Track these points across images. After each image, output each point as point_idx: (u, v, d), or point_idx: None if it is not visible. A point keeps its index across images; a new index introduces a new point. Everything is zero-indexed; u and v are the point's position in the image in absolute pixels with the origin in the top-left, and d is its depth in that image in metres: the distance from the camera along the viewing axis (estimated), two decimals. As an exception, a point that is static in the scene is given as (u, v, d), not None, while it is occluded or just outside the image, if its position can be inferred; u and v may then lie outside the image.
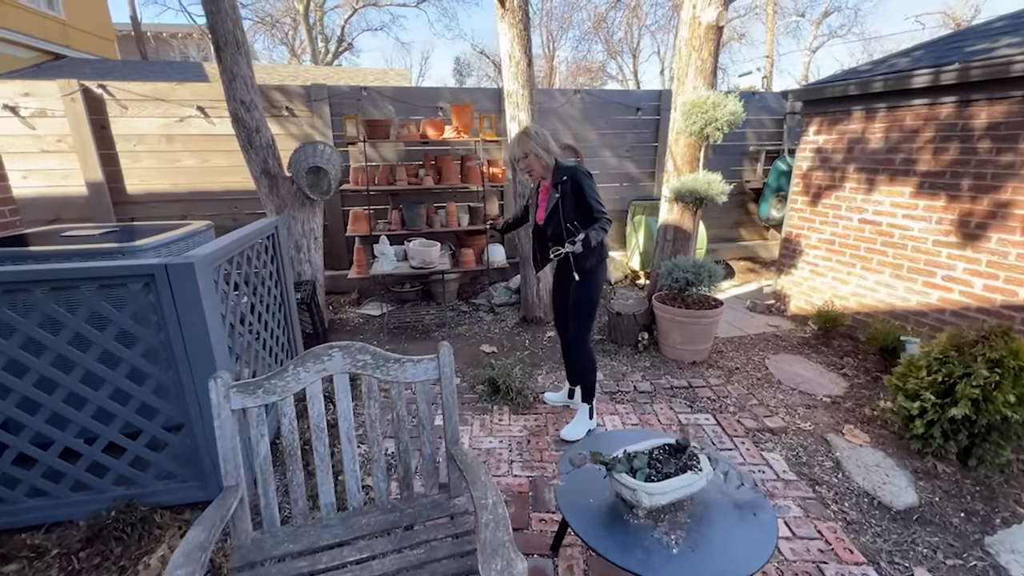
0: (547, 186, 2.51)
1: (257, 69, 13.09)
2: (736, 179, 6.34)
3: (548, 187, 2.49)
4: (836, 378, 3.32)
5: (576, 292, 2.51)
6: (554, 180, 2.42)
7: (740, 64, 26.40)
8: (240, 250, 2.32)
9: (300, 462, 1.42)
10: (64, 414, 1.83)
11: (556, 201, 2.40)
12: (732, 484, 1.62)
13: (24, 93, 4.20)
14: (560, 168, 2.43)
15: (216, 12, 3.52)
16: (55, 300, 1.74)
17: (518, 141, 2.43)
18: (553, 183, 2.42)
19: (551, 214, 2.44)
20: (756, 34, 31.24)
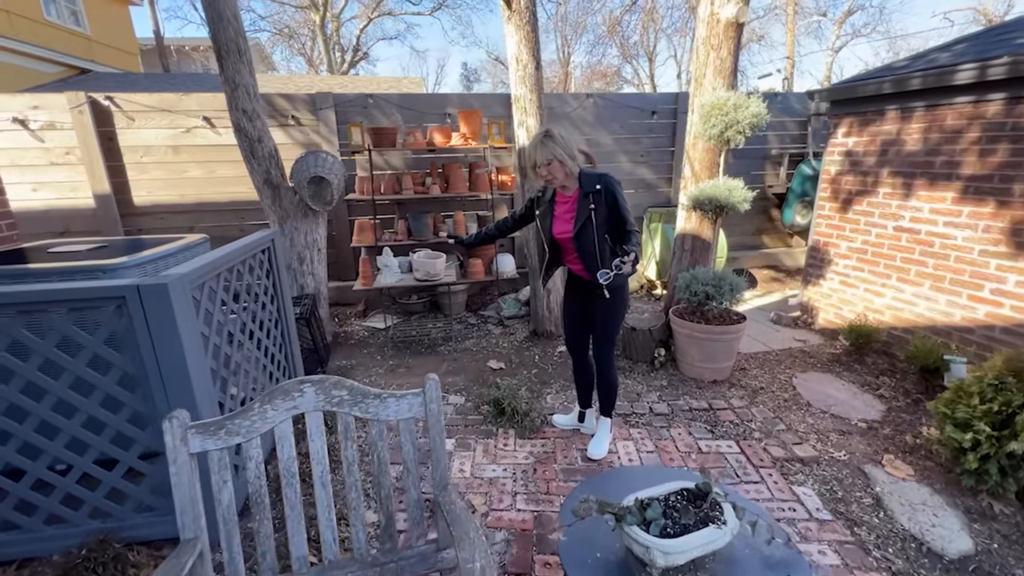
0: (568, 196, 2.29)
1: (274, 79, 13.24)
2: (758, 184, 6.07)
3: (572, 197, 2.27)
4: (872, 400, 3.06)
5: (604, 310, 2.34)
6: (584, 189, 2.21)
7: (760, 66, 25.88)
8: (229, 265, 2.20)
9: (268, 511, 1.26)
10: (36, 443, 1.72)
11: (589, 212, 2.19)
12: (761, 538, 1.41)
13: (33, 106, 4.21)
14: (589, 176, 2.22)
15: (218, 20, 3.46)
16: (24, 323, 1.63)
17: (540, 145, 2.16)
18: (583, 192, 2.21)
19: (583, 227, 2.21)
20: (776, 35, 30.70)
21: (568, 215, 2.29)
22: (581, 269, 2.33)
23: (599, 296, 2.24)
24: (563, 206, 2.31)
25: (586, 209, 2.20)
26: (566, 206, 2.30)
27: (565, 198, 2.31)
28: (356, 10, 20.23)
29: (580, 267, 2.33)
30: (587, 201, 2.20)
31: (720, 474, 2.37)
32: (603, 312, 2.36)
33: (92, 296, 1.62)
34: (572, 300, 2.52)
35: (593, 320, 2.43)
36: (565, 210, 2.30)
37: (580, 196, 2.23)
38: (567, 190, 2.29)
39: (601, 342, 2.45)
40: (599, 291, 2.20)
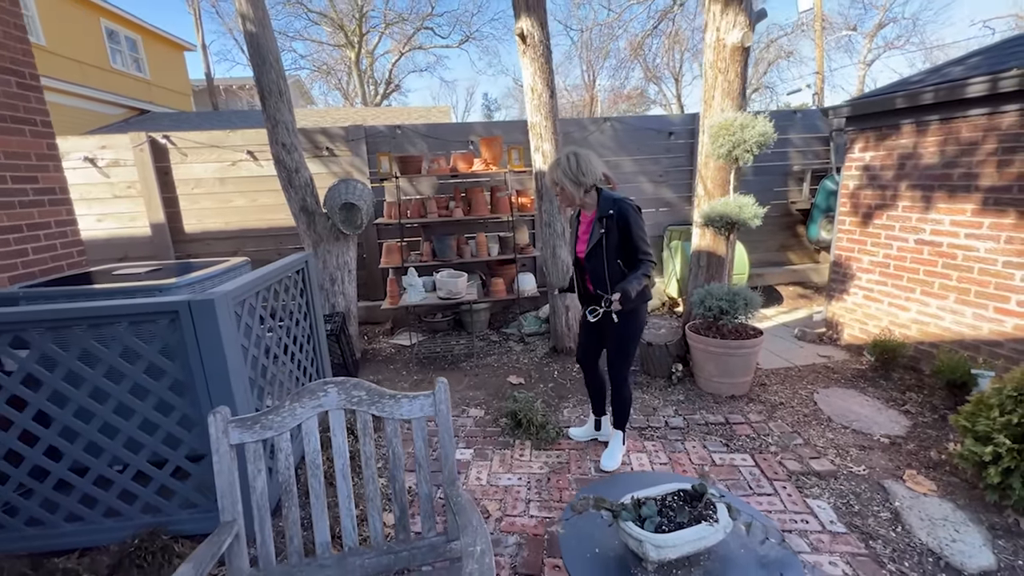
0: (589, 217, 2.35)
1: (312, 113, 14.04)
2: (781, 200, 6.05)
3: (591, 218, 2.32)
4: (896, 416, 3.00)
5: (616, 332, 2.39)
6: (599, 212, 2.25)
7: (790, 82, 25.55)
8: (267, 285, 2.42)
9: (296, 499, 1.41)
10: (99, 443, 1.94)
11: (600, 237, 2.24)
12: (756, 538, 1.46)
13: (101, 146, 4.70)
14: (606, 199, 2.26)
15: (262, 64, 3.84)
16: (93, 336, 1.88)
17: (550, 170, 2.33)
18: (598, 215, 2.25)
19: (593, 250, 2.27)
20: (805, 50, 30.37)
21: (586, 235, 2.35)
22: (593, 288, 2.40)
23: (611, 321, 2.27)
24: (583, 226, 2.40)
25: (598, 232, 2.25)
26: (585, 226, 2.38)
27: (587, 218, 2.38)
28: (389, 45, 21.36)
29: (593, 286, 2.40)
30: (600, 224, 2.25)
31: (732, 487, 2.38)
32: (616, 334, 2.40)
33: (150, 311, 1.85)
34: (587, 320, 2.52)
35: (607, 339, 2.49)
36: (583, 230, 2.39)
37: (595, 219, 2.28)
38: (588, 209, 2.35)
39: (613, 361, 2.48)
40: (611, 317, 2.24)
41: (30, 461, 1.93)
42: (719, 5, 3.17)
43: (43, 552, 1.97)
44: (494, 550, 2.01)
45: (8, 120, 2.72)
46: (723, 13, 3.17)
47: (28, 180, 2.82)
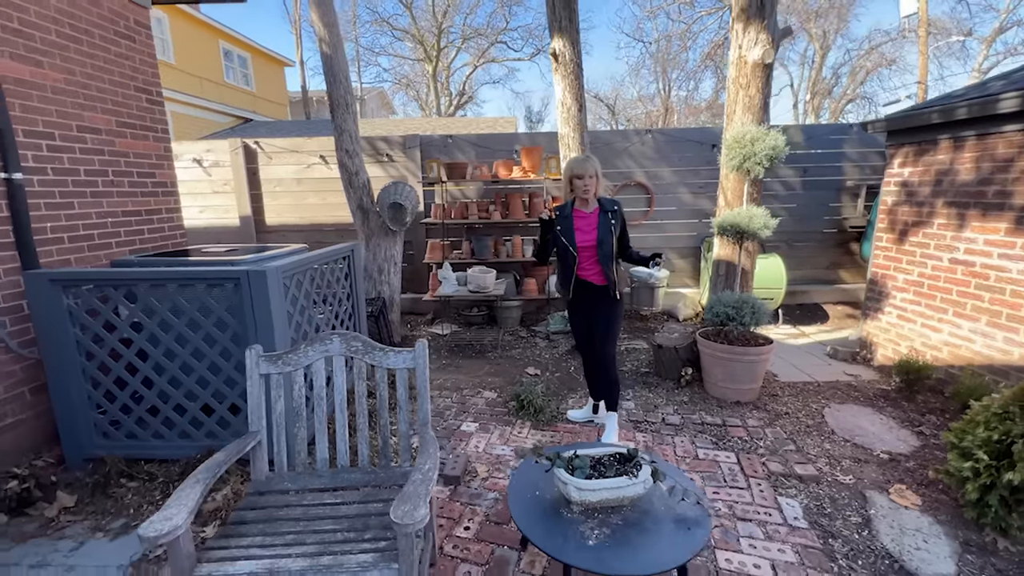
0: (587, 213, 2.73)
1: (388, 123, 15.10)
2: (833, 216, 5.84)
3: (592, 214, 2.72)
4: (907, 435, 2.93)
5: (608, 314, 2.76)
6: (604, 208, 2.71)
7: (892, 92, 23.51)
8: (314, 265, 2.92)
9: (305, 422, 1.82)
10: (179, 377, 2.50)
11: (610, 226, 2.68)
12: (675, 497, 1.67)
13: (207, 150, 5.63)
14: (606, 199, 2.75)
15: (333, 82, 4.46)
16: (180, 294, 2.44)
17: (587, 160, 2.68)
18: (603, 210, 2.71)
19: (605, 237, 2.67)
20: (911, 58, 27.80)
21: (590, 227, 2.72)
22: (596, 274, 2.74)
23: (608, 300, 2.73)
24: (582, 220, 2.73)
25: (607, 223, 2.69)
26: (585, 220, 2.73)
27: (584, 214, 2.73)
28: (466, 58, 22.49)
29: (595, 272, 2.74)
30: (607, 217, 2.70)
31: (706, 479, 2.52)
32: (608, 316, 2.77)
33: (220, 277, 2.38)
34: (578, 309, 2.87)
35: (598, 324, 2.80)
36: (585, 223, 2.72)
37: (601, 212, 2.71)
38: (586, 207, 2.73)
39: (606, 343, 2.80)
40: (612, 293, 2.71)
41: (131, 387, 2.53)
42: (741, 24, 3.30)
43: (134, 458, 2.56)
44: (475, 503, 2.34)
45: (137, 128, 3.48)
46: (745, 31, 3.29)
47: (148, 175, 3.57)
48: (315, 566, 1.37)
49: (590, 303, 2.80)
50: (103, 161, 3.20)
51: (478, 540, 2.08)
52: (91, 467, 2.50)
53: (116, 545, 2.08)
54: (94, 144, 3.13)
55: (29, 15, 2.74)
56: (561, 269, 2.84)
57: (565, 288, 2.84)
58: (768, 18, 3.24)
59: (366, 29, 20.26)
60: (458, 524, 2.18)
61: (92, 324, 2.47)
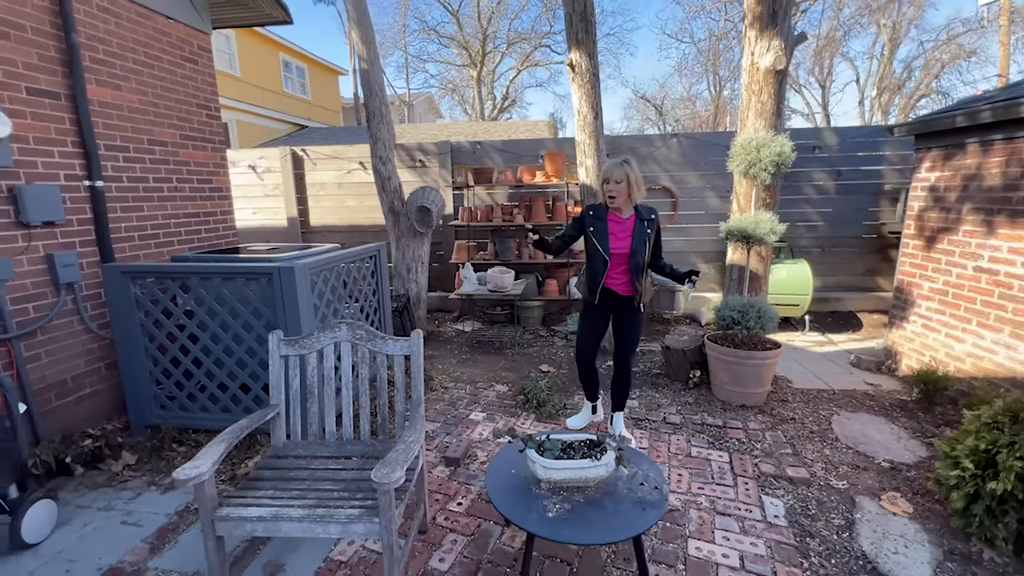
0: (623, 219, 2.66)
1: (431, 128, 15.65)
2: (871, 221, 5.63)
3: (628, 220, 2.66)
4: (916, 446, 2.88)
5: (634, 322, 2.77)
6: (641, 216, 2.65)
7: (971, 85, 21.67)
8: (341, 263, 3.24)
9: (317, 399, 2.11)
10: (222, 359, 2.88)
11: (646, 235, 2.64)
12: (636, 482, 1.81)
13: (260, 157, 6.18)
14: (643, 207, 2.69)
15: (369, 94, 4.83)
16: (224, 286, 2.81)
17: (620, 165, 2.56)
18: (640, 218, 2.65)
19: (640, 245, 2.62)
20: (993, 49, 25.55)
21: (624, 234, 2.66)
22: (624, 284, 2.70)
23: (631, 310, 2.73)
24: (617, 225, 2.67)
25: (643, 232, 2.64)
26: (620, 226, 2.66)
27: (619, 219, 2.67)
28: (511, 63, 22.86)
29: (623, 281, 2.69)
30: (643, 225, 2.65)
31: (694, 475, 2.61)
32: (632, 326, 2.78)
33: (256, 271, 2.73)
34: (597, 316, 2.82)
35: (621, 333, 2.82)
36: (620, 229, 2.66)
37: (637, 220, 2.66)
38: (622, 213, 2.67)
39: (628, 351, 2.83)
40: (635, 304, 2.71)
41: (183, 367, 2.93)
42: (755, 31, 3.34)
43: (184, 427, 2.95)
44: (470, 483, 2.55)
45: (198, 139, 3.95)
46: (758, 38, 3.33)
47: (206, 182, 4.04)
48: (311, 515, 1.63)
49: (610, 311, 2.80)
50: (168, 170, 3.67)
51: (468, 515, 2.29)
52: (150, 433, 2.93)
53: (166, 497, 2.46)
54: (161, 155, 3.61)
55: (112, 47, 3.22)
56: (589, 272, 2.77)
57: (591, 293, 2.76)
58: (781, 24, 3.26)
59: (414, 37, 21.08)
60: (452, 500, 2.40)
61: (153, 311, 2.89)
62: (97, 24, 3.12)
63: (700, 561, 2.00)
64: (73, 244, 2.98)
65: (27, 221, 2.70)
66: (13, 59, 2.67)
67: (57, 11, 2.86)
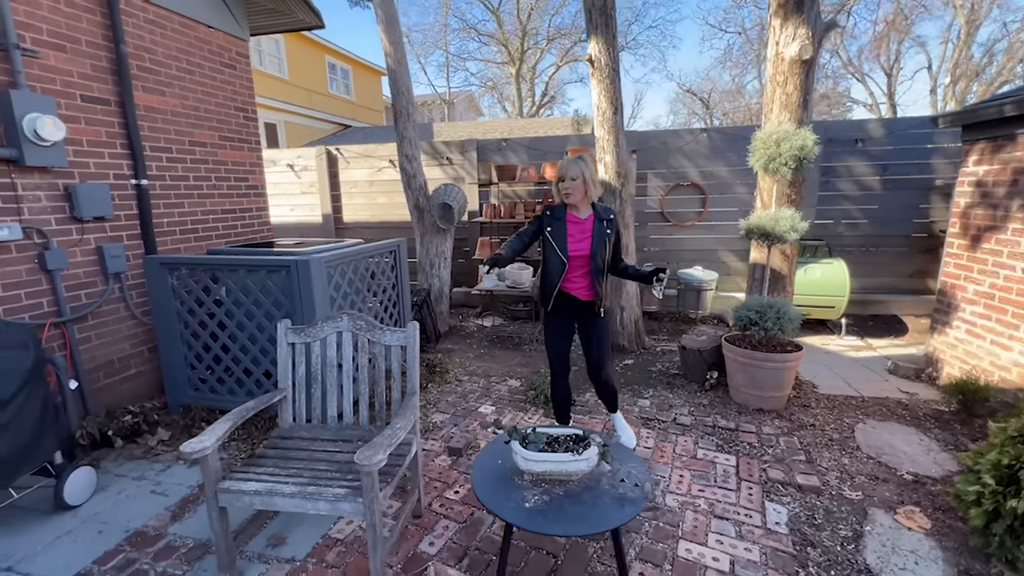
0: (581, 219, 2.51)
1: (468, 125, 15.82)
2: (921, 219, 5.26)
3: (587, 221, 2.51)
4: (947, 460, 2.70)
5: (601, 331, 2.62)
6: (600, 216, 2.51)
7: (1051, 74, 19.59)
8: (358, 257, 3.38)
9: (320, 385, 2.23)
10: (247, 345, 3.08)
11: (606, 236, 2.48)
12: (617, 478, 1.81)
13: (298, 156, 6.50)
14: (602, 207, 2.55)
15: (397, 94, 4.97)
16: (249, 277, 3.00)
17: (574, 162, 2.44)
18: (599, 218, 2.50)
19: (600, 247, 2.47)
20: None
21: (583, 235, 2.50)
22: (583, 288, 2.53)
23: (593, 316, 2.57)
24: (576, 226, 2.51)
25: (603, 232, 2.48)
26: (579, 226, 2.51)
27: (578, 220, 2.51)
28: (551, 59, 22.76)
29: (583, 285, 2.53)
30: (603, 225, 2.49)
31: (696, 477, 2.56)
32: (599, 335, 2.61)
33: (276, 264, 2.89)
34: (555, 323, 2.63)
35: (589, 342, 2.64)
36: (578, 230, 2.51)
37: (596, 220, 2.50)
38: (580, 212, 2.52)
39: (601, 365, 2.65)
40: (596, 309, 2.55)
41: (213, 352, 3.15)
42: (779, 19, 3.20)
43: (213, 407, 3.18)
44: (470, 473, 2.60)
45: (235, 140, 4.21)
46: (783, 27, 3.19)
47: (242, 180, 4.30)
48: (302, 492, 1.74)
49: (572, 319, 2.64)
50: (207, 169, 3.94)
51: (463, 503, 2.36)
52: (182, 412, 3.17)
53: (192, 471, 2.67)
54: (201, 155, 3.88)
55: (157, 56, 3.50)
56: (545, 276, 2.58)
57: (546, 298, 2.59)
58: (808, 12, 3.10)
59: (455, 36, 21.37)
60: (450, 488, 2.47)
61: (187, 299, 3.12)
62: (144, 35, 3.39)
63: (688, 563, 1.97)
64: (120, 237, 3.27)
65: (80, 216, 2.98)
66: (69, 70, 2.95)
67: (108, 24, 3.14)
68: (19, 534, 2.16)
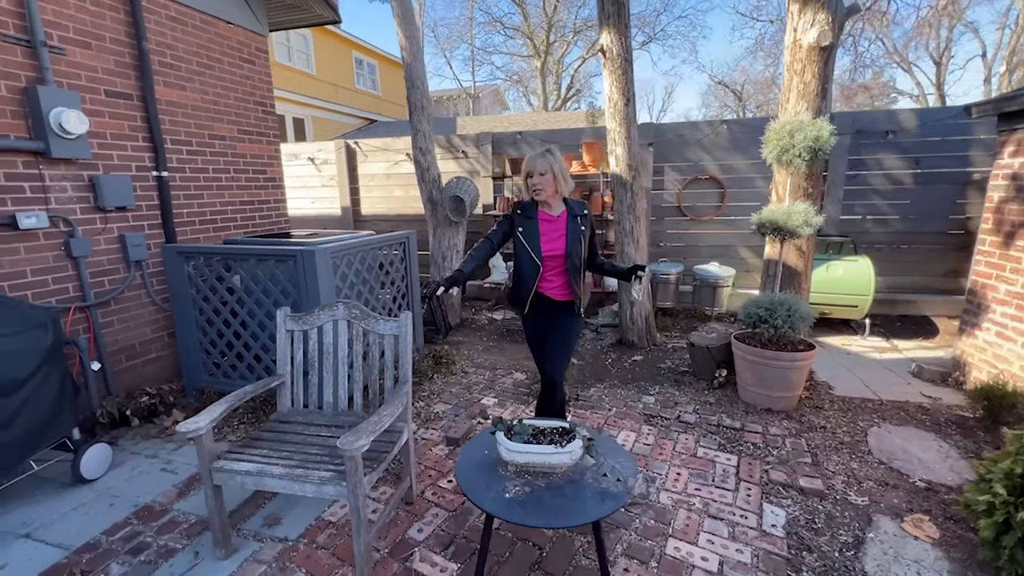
0: (554, 216, 2.34)
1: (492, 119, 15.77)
2: (957, 215, 4.98)
3: (560, 217, 2.34)
4: (965, 468, 2.56)
5: (567, 326, 2.42)
6: (573, 212, 2.35)
7: None
8: (366, 248, 3.43)
9: (317, 371, 2.28)
10: (256, 333, 3.18)
11: (580, 233, 2.33)
12: (601, 473, 1.79)
13: (318, 150, 6.64)
14: (575, 202, 2.39)
15: (411, 87, 5.01)
16: (259, 266, 3.09)
17: (542, 156, 2.27)
18: (572, 214, 2.34)
19: (575, 245, 2.32)
20: None
21: (557, 233, 2.33)
22: (559, 287, 2.37)
23: (572, 314, 2.40)
24: (549, 224, 2.33)
25: (577, 229, 2.32)
26: (552, 224, 2.33)
27: (550, 218, 2.33)
28: (578, 52, 22.47)
29: (559, 284, 2.37)
30: (577, 222, 2.33)
31: (693, 475, 2.51)
32: (564, 330, 2.41)
33: (283, 254, 2.97)
34: (540, 323, 2.46)
35: (554, 339, 2.43)
36: (552, 228, 2.33)
37: (569, 217, 2.33)
38: (552, 210, 2.34)
39: (559, 366, 2.44)
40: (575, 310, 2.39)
41: (226, 338, 3.27)
42: (797, 4, 3.07)
43: (225, 391, 3.29)
44: (459, 460, 2.63)
45: (254, 134, 4.33)
46: (801, 12, 3.06)
47: (260, 172, 4.42)
48: (291, 474, 1.79)
49: (552, 316, 2.43)
50: (226, 162, 4.07)
51: (455, 492, 2.38)
52: (196, 395, 3.31)
53: (201, 452, 2.78)
54: (220, 148, 4.00)
55: (178, 52, 3.62)
56: (518, 279, 2.42)
57: (520, 303, 2.44)
58: (828, -4, 2.96)
59: (480, 30, 21.35)
60: (444, 477, 2.50)
61: (202, 287, 3.25)
62: (165, 32, 3.52)
63: (675, 561, 1.94)
64: (142, 227, 3.41)
65: (104, 206, 3.13)
66: (94, 66, 3.09)
67: (131, 21, 3.27)
68: (38, 504, 2.30)
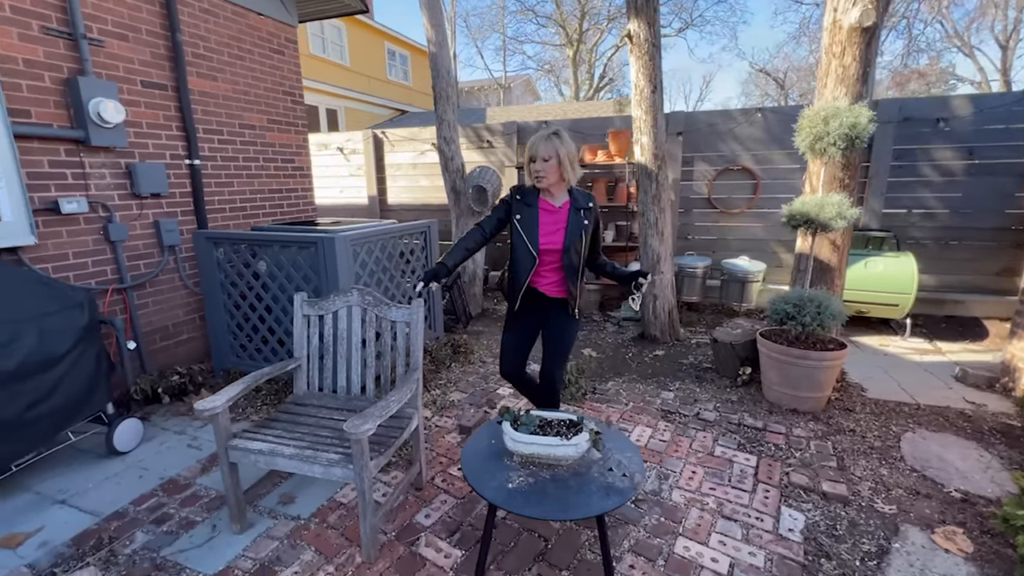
0: (555, 207, 2.16)
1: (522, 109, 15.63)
2: (1014, 210, 4.63)
3: (562, 208, 2.16)
4: (1006, 479, 2.39)
5: (564, 328, 2.28)
6: (577, 204, 2.15)
7: None
8: (386, 236, 3.47)
9: (332, 356, 2.32)
10: (279, 317, 3.26)
11: (582, 227, 2.13)
12: (606, 467, 1.75)
13: (347, 139, 6.74)
14: (580, 192, 2.19)
15: (437, 76, 5.01)
16: (283, 252, 3.17)
17: (547, 139, 2.05)
18: (575, 206, 2.15)
19: (575, 241, 2.13)
20: None
21: (556, 226, 2.15)
22: (554, 284, 2.22)
23: (567, 314, 2.23)
24: (549, 215, 2.16)
25: (579, 223, 2.13)
26: (552, 215, 2.16)
27: (552, 208, 2.16)
28: (611, 41, 22.00)
29: (554, 281, 2.21)
30: (579, 215, 2.13)
31: (709, 474, 2.43)
32: (561, 332, 2.28)
33: (305, 241, 3.03)
34: (523, 326, 2.33)
35: (550, 338, 2.31)
36: (552, 220, 2.15)
37: (572, 209, 2.14)
38: (554, 200, 2.16)
39: (557, 364, 2.34)
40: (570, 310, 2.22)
41: (252, 321, 3.37)
42: (839, -17, 2.89)
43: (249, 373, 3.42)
44: (465, 449, 2.64)
45: (283, 123, 4.43)
46: (843, -9, 2.88)
47: (289, 161, 4.53)
48: (301, 455, 1.84)
49: (537, 316, 2.29)
50: (256, 150, 4.18)
51: (464, 480, 2.38)
52: (224, 375, 3.44)
53: (225, 430, 2.89)
54: (250, 137, 4.11)
55: (210, 43, 3.72)
56: (512, 271, 2.25)
57: (513, 296, 2.26)
58: (873, -27, 2.77)
59: (512, 19, 21.14)
60: (454, 465, 2.52)
61: (230, 272, 3.36)
62: (198, 24, 3.62)
63: (684, 561, 1.89)
64: (175, 213, 3.55)
65: (139, 193, 3.27)
66: (131, 57, 3.21)
67: (165, 14, 3.38)
68: (74, 473, 2.44)
